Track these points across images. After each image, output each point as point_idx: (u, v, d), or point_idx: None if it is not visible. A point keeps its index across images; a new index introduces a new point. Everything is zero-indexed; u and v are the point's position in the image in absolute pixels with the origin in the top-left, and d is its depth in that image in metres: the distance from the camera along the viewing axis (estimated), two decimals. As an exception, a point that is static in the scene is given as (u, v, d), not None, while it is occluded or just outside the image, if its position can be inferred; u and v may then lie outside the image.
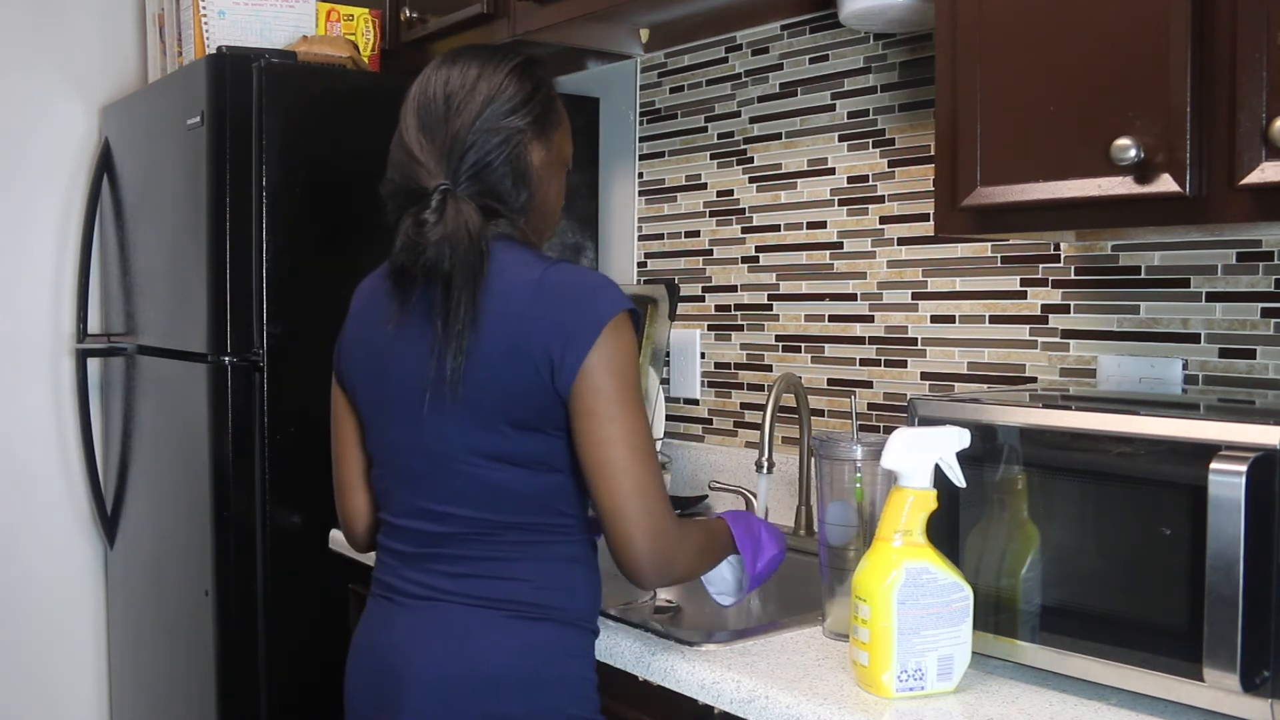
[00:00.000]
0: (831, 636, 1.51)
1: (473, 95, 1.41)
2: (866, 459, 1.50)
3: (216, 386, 2.19)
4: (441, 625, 1.40)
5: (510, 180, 1.42)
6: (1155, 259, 1.66)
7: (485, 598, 1.39)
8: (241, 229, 2.18)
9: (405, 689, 1.40)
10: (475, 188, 1.40)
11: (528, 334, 1.34)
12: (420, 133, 1.41)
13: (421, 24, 2.43)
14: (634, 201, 2.54)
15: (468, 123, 1.40)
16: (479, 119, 1.40)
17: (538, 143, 1.46)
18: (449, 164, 1.39)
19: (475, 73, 1.43)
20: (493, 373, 1.35)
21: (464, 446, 1.38)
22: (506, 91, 1.42)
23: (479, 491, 1.39)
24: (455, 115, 1.40)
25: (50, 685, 2.90)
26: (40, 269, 2.87)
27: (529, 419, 1.36)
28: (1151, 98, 1.25)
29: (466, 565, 1.40)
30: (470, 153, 1.40)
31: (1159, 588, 1.19)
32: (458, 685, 1.38)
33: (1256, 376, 1.55)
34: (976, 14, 1.42)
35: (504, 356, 1.35)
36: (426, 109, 1.42)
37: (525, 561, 1.40)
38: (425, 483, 1.42)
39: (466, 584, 1.40)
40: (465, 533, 1.40)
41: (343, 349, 1.52)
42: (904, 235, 2.00)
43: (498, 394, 1.36)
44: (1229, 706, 1.14)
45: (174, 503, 2.39)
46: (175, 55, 2.57)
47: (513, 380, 1.35)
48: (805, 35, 2.16)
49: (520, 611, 1.39)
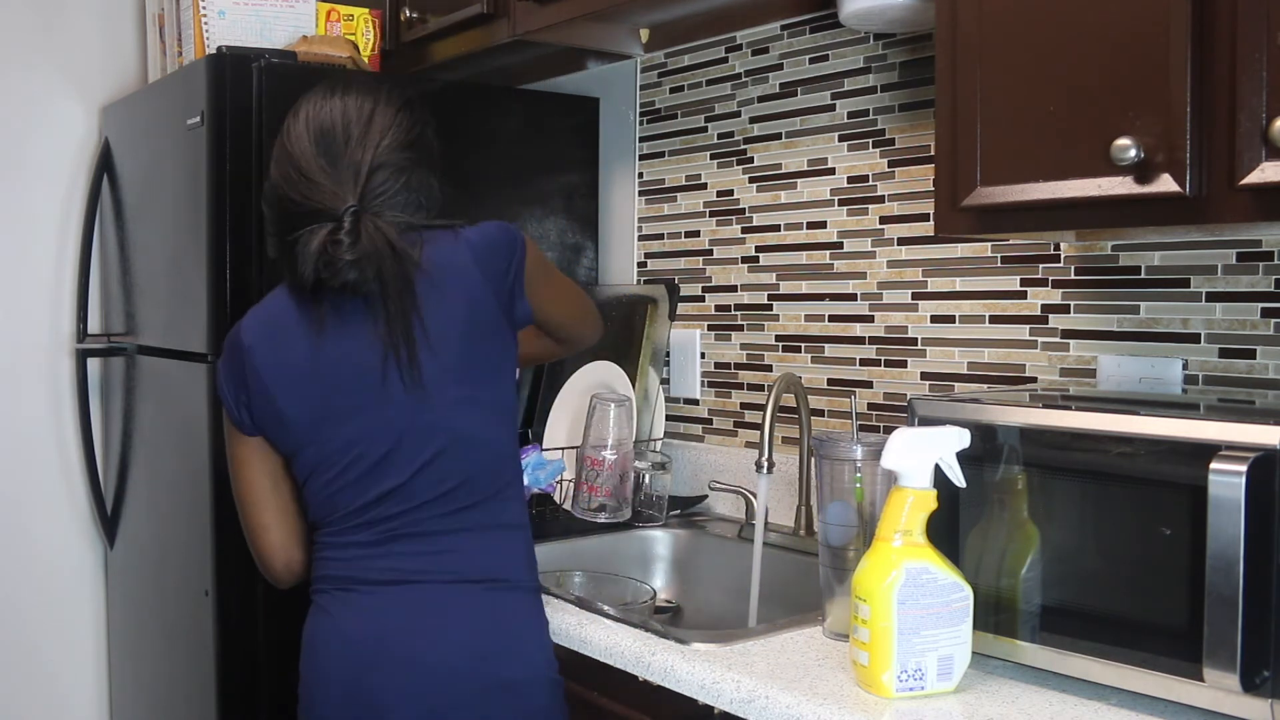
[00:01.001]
0: (831, 636, 1.51)
1: (369, 128, 1.53)
2: (866, 459, 1.50)
3: (217, 386, 2.18)
4: (418, 606, 1.50)
5: (416, 201, 1.56)
6: (1155, 259, 1.66)
7: (455, 572, 1.51)
8: (241, 229, 2.17)
9: (388, 676, 1.46)
10: (383, 207, 1.51)
11: (485, 297, 1.53)
12: (320, 156, 1.51)
13: (421, 24, 2.43)
14: (634, 201, 2.54)
15: (370, 151, 1.51)
16: (378, 150, 1.52)
17: (427, 173, 1.59)
18: (355, 187, 1.49)
19: (370, 107, 1.55)
20: (459, 338, 1.51)
21: (438, 404, 1.50)
22: (401, 128, 1.55)
23: (449, 438, 1.50)
24: (356, 144, 1.51)
25: (50, 685, 2.90)
26: (40, 269, 2.87)
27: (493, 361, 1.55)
28: (1151, 98, 1.25)
29: (431, 542, 1.51)
30: (374, 176, 1.51)
31: (1159, 588, 1.19)
32: (447, 663, 1.47)
33: (1256, 376, 1.55)
34: (976, 14, 1.42)
35: (468, 323, 1.51)
36: (325, 134, 1.52)
37: (482, 532, 1.53)
38: (392, 460, 1.50)
39: (436, 560, 1.51)
40: (431, 499, 1.50)
41: (250, 388, 1.55)
42: (904, 235, 2.00)
43: (465, 354, 1.51)
44: (1229, 706, 1.14)
45: (174, 503, 2.39)
46: (175, 55, 2.57)
47: (479, 336, 1.52)
48: (805, 35, 2.16)
49: (489, 583, 1.52)
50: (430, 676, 1.47)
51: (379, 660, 1.47)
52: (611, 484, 2.11)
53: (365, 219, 1.47)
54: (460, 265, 1.52)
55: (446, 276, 1.51)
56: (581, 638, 1.58)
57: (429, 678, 1.47)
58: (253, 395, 1.55)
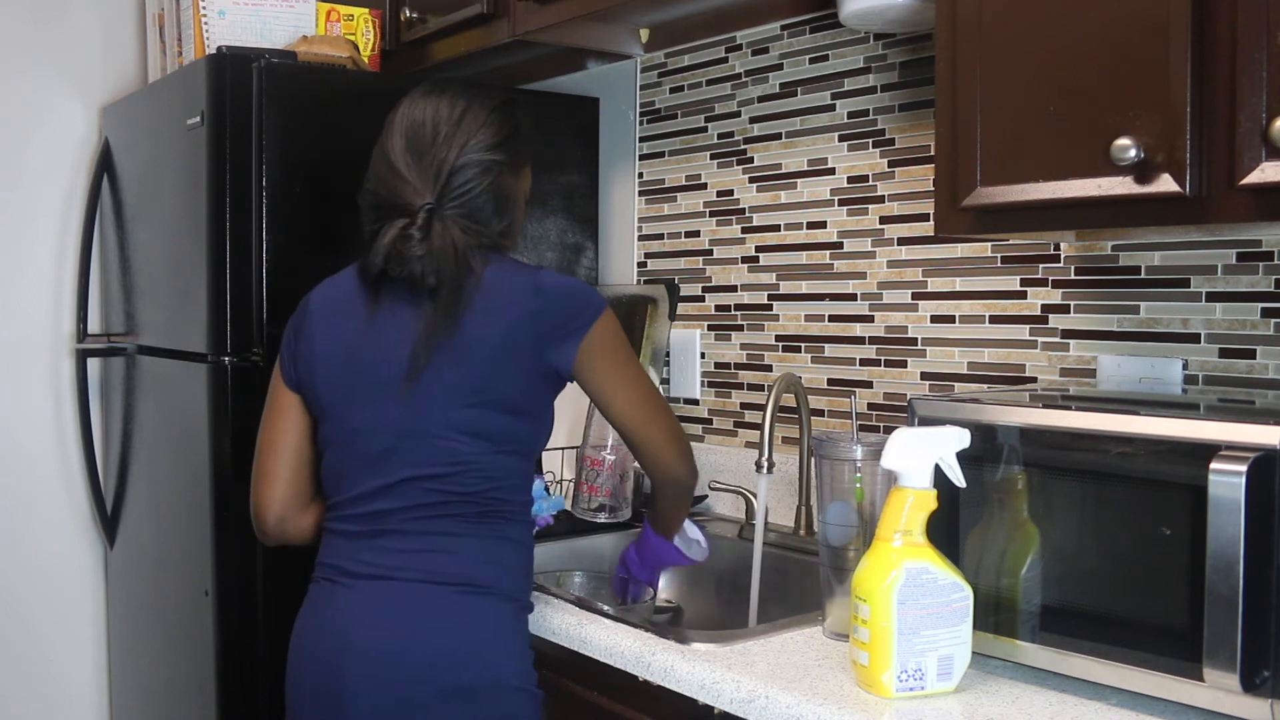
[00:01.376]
0: (831, 636, 1.51)
1: (459, 127, 1.55)
2: (866, 459, 1.50)
3: (216, 386, 2.18)
4: (389, 602, 1.50)
5: (491, 207, 1.57)
6: (1155, 259, 1.66)
7: (432, 572, 1.50)
8: (241, 229, 2.17)
9: (353, 667, 1.48)
10: (458, 210, 1.54)
11: (525, 328, 1.51)
12: (408, 153, 1.55)
13: (421, 24, 2.43)
14: (634, 201, 2.54)
15: (455, 151, 1.54)
16: (464, 150, 1.54)
17: (512, 177, 1.61)
18: (435, 186, 1.53)
19: (463, 106, 1.57)
20: (485, 360, 1.50)
21: (442, 422, 1.51)
22: (491, 128, 1.57)
23: (445, 461, 1.51)
24: (443, 143, 1.54)
25: (50, 685, 2.90)
26: (40, 269, 2.87)
27: (513, 402, 1.52)
28: (1151, 98, 1.25)
29: (415, 541, 1.51)
30: (455, 177, 1.54)
31: (1159, 588, 1.19)
32: (408, 660, 1.47)
33: (1256, 376, 1.55)
34: (976, 14, 1.42)
35: (498, 349, 1.50)
36: (416, 132, 1.56)
37: (472, 539, 1.52)
38: (387, 458, 1.53)
39: (416, 559, 1.51)
40: (419, 504, 1.51)
41: (300, 345, 1.63)
42: (904, 235, 2.00)
43: (486, 379, 1.50)
44: (1229, 706, 1.14)
45: (174, 503, 2.39)
46: (175, 55, 2.57)
47: (505, 368, 1.50)
48: (805, 35, 2.16)
49: (466, 588, 1.51)
50: (392, 672, 1.48)
51: (346, 651, 1.50)
52: (611, 484, 2.11)
53: (438, 218, 1.51)
54: (516, 296, 1.52)
55: (498, 301, 1.51)
56: (581, 638, 1.58)
57: (391, 672, 1.48)
58: (299, 353, 1.62)
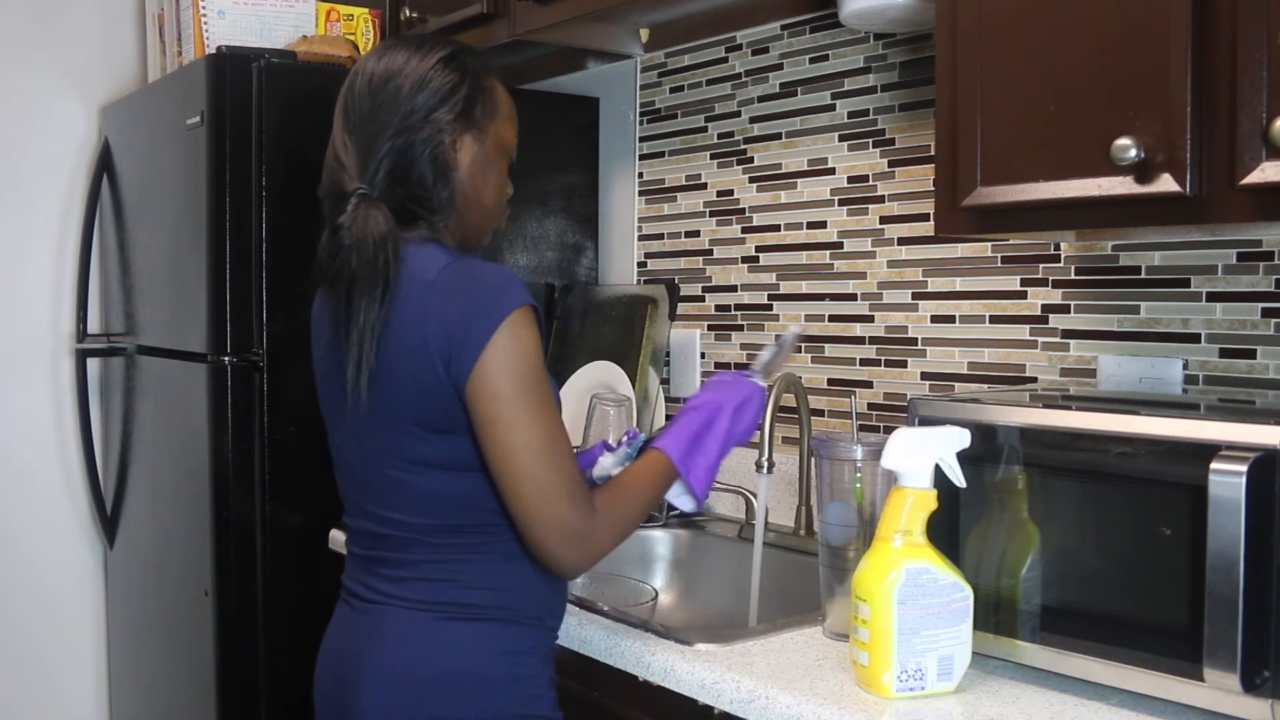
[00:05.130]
0: (831, 636, 1.51)
1: (396, 91, 1.37)
2: (866, 459, 1.50)
3: (216, 386, 2.19)
4: (384, 629, 1.41)
5: (432, 178, 1.38)
6: (1155, 259, 1.66)
7: (423, 600, 1.39)
8: (241, 229, 2.17)
9: (359, 691, 1.41)
10: (395, 190, 1.37)
11: (424, 335, 1.31)
12: (345, 133, 1.40)
13: (421, 24, 2.43)
14: (634, 201, 2.54)
15: (390, 120, 1.37)
16: (402, 116, 1.37)
17: (467, 136, 1.41)
18: (369, 167, 1.37)
19: (399, 65, 1.39)
20: (399, 377, 1.33)
21: (386, 452, 1.38)
22: (431, 84, 1.38)
23: (405, 497, 1.38)
24: (378, 112, 1.37)
25: (50, 685, 2.90)
26: (40, 269, 2.87)
27: (436, 421, 1.34)
28: (1151, 98, 1.24)
29: (406, 569, 1.40)
30: (390, 155, 1.36)
31: (1159, 588, 1.19)
32: (401, 689, 1.38)
33: (1256, 376, 1.55)
34: (976, 14, 1.41)
35: (407, 359, 1.33)
36: (353, 108, 1.39)
37: (460, 562, 1.39)
38: (364, 487, 1.43)
39: (407, 588, 1.40)
40: (400, 536, 1.40)
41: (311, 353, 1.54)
42: (904, 235, 2.00)
43: (405, 398, 1.34)
44: (1229, 706, 1.14)
45: (174, 503, 2.39)
46: (175, 55, 2.57)
47: (417, 382, 1.33)
48: (805, 35, 2.16)
49: (458, 613, 1.38)
50: (381, 697, 1.40)
51: (346, 673, 1.44)
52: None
53: (364, 205, 1.34)
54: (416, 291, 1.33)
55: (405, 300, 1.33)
56: (581, 638, 1.58)
57: (381, 698, 1.40)
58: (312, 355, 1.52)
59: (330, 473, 1.58)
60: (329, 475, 1.59)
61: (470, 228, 1.46)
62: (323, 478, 1.65)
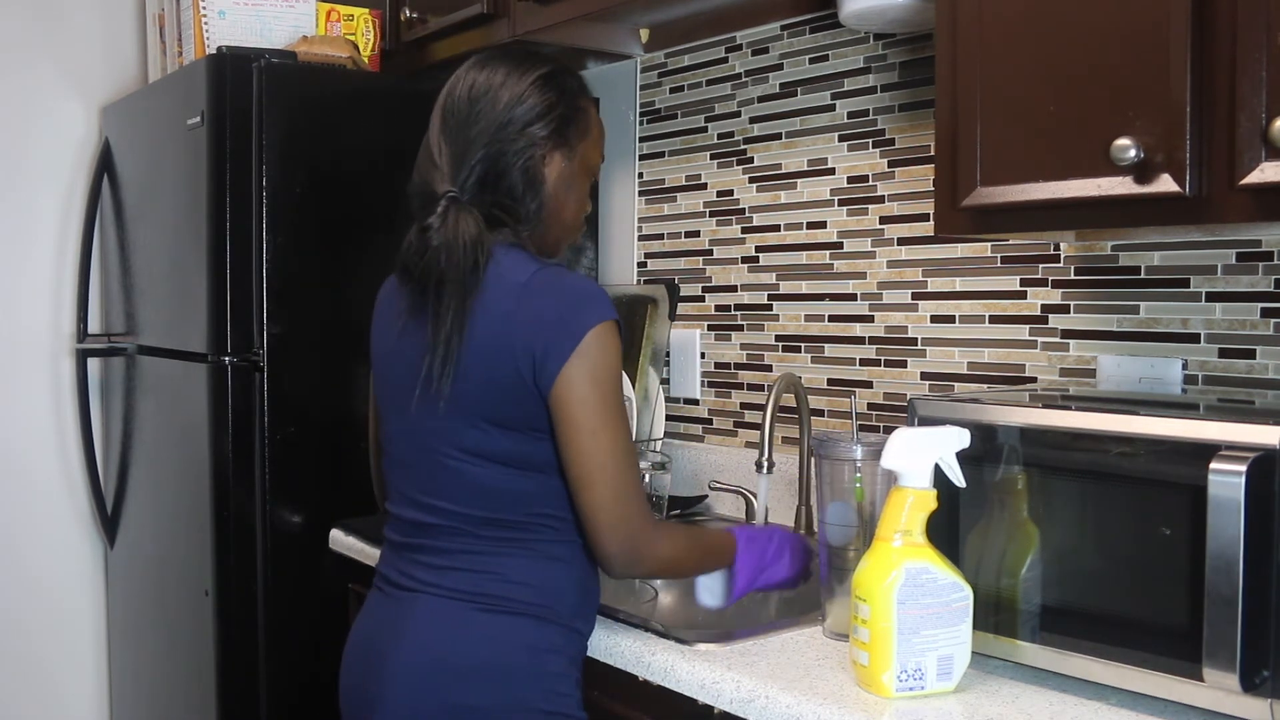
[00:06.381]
0: (831, 636, 1.51)
1: (494, 102, 1.44)
2: (866, 459, 1.50)
3: (216, 386, 2.19)
4: (417, 616, 1.45)
5: (521, 188, 1.45)
6: (1155, 259, 1.66)
7: (461, 590, 1.43)
8: (241, 229, 2.17)
9: (383, 677, 1.44)
10: (484, 196, 1.43)
11: (510, 333, 1.37)
12: (441, 135, 1.45)
13: (421, 24, 2.43)
14: (634, 201, 2.54)
15: (486, 130, 1.43)
16: (498, 127, 1.43)
17: (558, 153, 1.48)
18: (461, 171, 1.43)
19: (500, 79, 1.45)
20: (477, 372, 1.39)
21: (448, 442, 1.43)
22: (528, 101, 1.44)
23: (459, 486, 1.43)
24: (475, 120, 1.43)
25: (50, 685, 2.90)
26: (40, 269, 2.87)
27: (510, 417, 1.39)
28: (1151, 98, 1.25)
29: (446, 558, 1.45)
30: (482, 162, 1.43)
31: (1159, 588, 1.19)
32: (428, 675, 1.42)
33: (1256, 376, 1.55)
34: (976, 14, 1.42)
35: (488, 356, 1.38)
36: (451, 112, 1.46)
37: (503, 557, 1.43)
38: (414, 474, 1.48)
39: (445, 576, 1.44)
40: (446, 525, 1.45)
41: (370, 339, 1.58)
42: (904, 235, 2.00)
43: (481, 392, 1.39)
44: (1229, 706, 1.14)
45: (174, 503, 2.39)
46: (175, 55, 2.57)
47: (495, 379, 1.38)
48: (805, 35, 2.16)
49: (495, 606, 1.42)
50: (406, 682, 1.43)
51: (371, 659, 1.48)
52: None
53: (456, 208, 1.40)
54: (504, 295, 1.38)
55: (491, 302, 1.38)
56: (581, 638, 1.58)
57: (406, 683, 1.43)
58: (370, 344, 1.57)
59: (330, 472, 1.58)
60: (329, 475, 1.59)
61: (549, 240, 1.52)
62: (323, 477, 1.65)
